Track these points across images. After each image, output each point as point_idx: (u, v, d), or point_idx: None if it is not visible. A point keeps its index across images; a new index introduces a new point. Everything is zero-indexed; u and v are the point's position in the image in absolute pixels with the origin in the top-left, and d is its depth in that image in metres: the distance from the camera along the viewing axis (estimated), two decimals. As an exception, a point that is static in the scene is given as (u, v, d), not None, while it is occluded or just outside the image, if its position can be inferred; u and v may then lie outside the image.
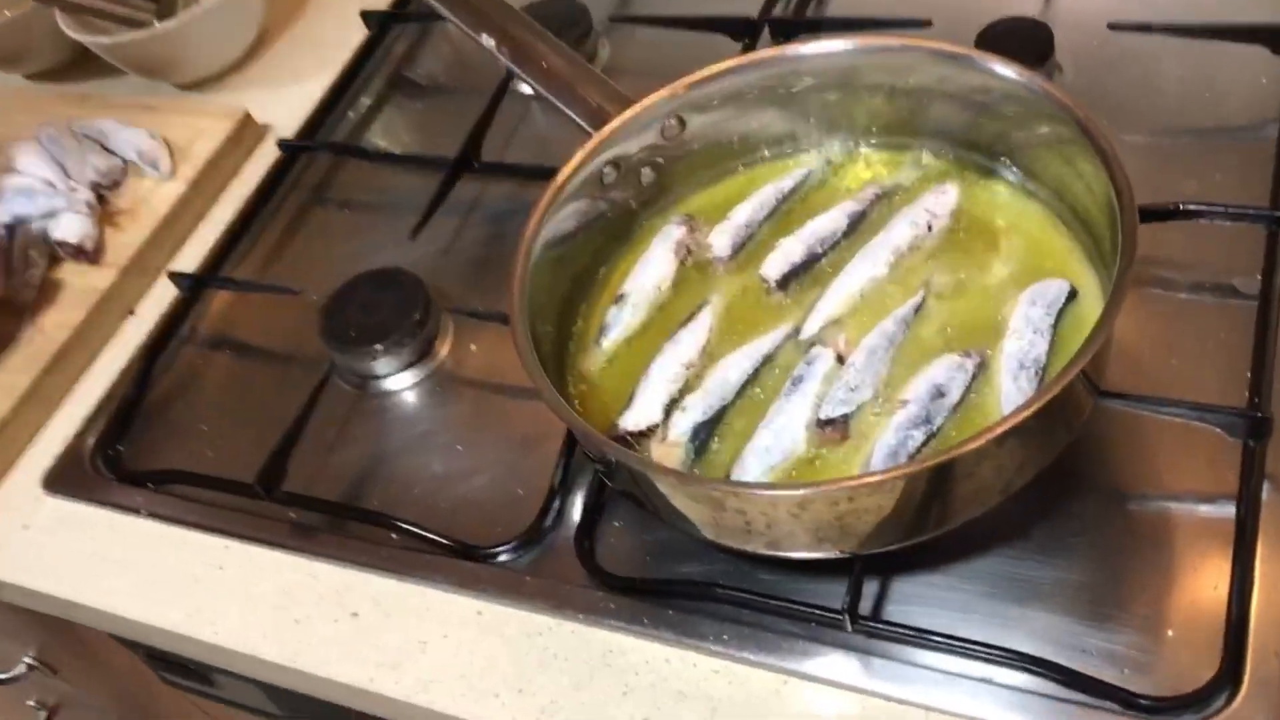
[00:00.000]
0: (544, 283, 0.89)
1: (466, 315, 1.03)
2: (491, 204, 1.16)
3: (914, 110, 0.94)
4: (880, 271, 0.88)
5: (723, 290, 0.92)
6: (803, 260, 0.90)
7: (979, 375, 0.81)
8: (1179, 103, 1.04)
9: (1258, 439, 0.80)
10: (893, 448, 0.78)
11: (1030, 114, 0.86)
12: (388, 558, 0.92)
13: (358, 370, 1.04)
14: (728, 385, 0.85)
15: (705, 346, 0.88)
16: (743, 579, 0.84)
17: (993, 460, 0.71)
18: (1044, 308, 0.82)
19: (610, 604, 0.85)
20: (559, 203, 0.90)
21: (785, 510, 0.72)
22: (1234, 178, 0.97)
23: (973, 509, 0.75)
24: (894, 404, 0.80)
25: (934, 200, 0.91)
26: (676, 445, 0.82)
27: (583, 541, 0.88)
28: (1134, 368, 0.88)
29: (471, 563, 0.90)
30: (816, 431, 0.81)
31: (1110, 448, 0.85)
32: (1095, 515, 0.82)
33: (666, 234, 0.95)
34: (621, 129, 0.92)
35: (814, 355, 0.84)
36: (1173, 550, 0.79)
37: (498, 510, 0.93)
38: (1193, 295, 0.92)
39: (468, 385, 1.03)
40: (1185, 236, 0.93)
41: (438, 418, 1.02)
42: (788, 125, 0.98)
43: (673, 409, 0.84)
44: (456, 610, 0.89)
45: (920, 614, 0.80)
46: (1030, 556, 0.81)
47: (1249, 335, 0.87)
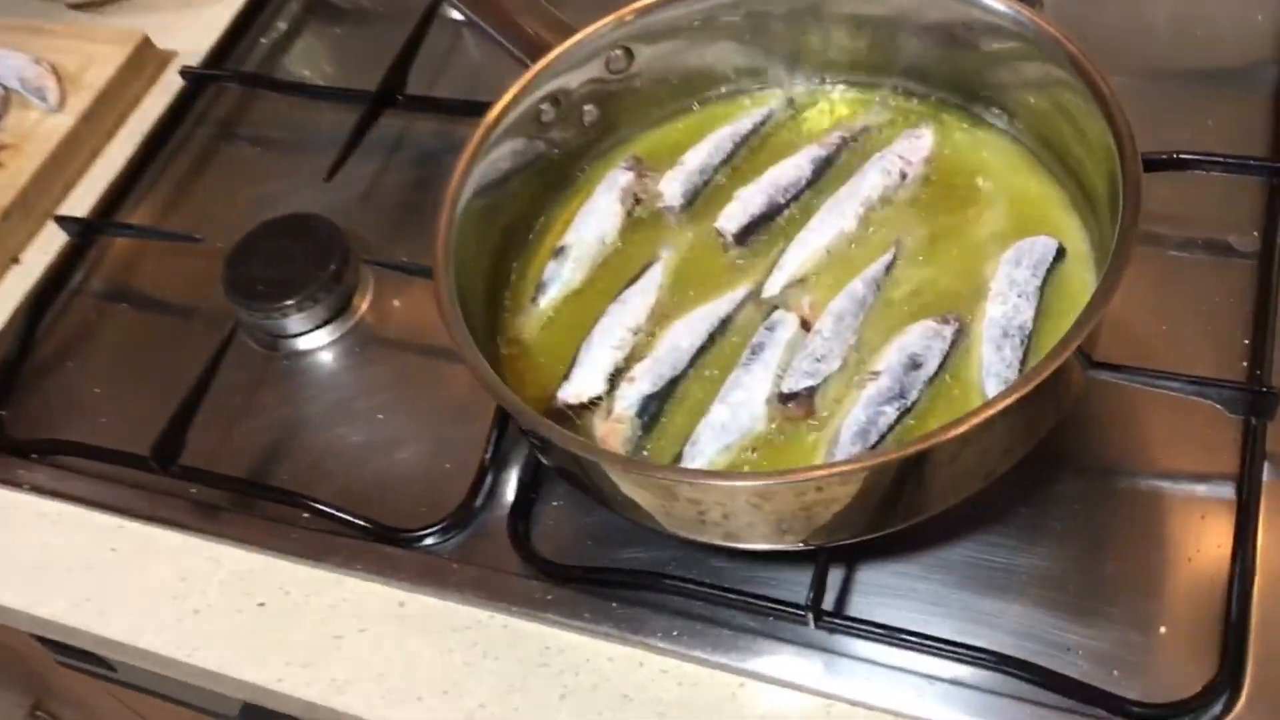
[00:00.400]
0: (473, 234, 0.79)
1: (388, 267, 0.93)
2: (418, 142, 1.05)
3: (886, 44, 0.85)
4: (849, 225, 0.80)
5: (675, 244, 0.83)
6: (763, 212, 0.82)
7: (958, 343, 0.73)
8: (1169, 42, 0.96)
9: (1260, 415, 0.72)
10: (862, 425, 0.70)
11: (1017, 51, 0.77)
12: (299, 541, 0.83)
13: (266, 328, 0.94)
14: (679, 353, 0.76)
15: (655, 308, 0.79)
16: (696, 567, 0.76)
17: (975, 446, 0.64)
18: (1029, 268, 0.74)
19: (547, 595, 0.77)
20: (490, 144, 0.80)
21: (744, 501, 0.64)
22: (1229, 125, 0.89)
23: (951, 498, 0.68)
24: (864, 376, 0.72)
25: (907, 145, 0.82)
26: (622, 421, 0.74)
27: (517, 524, 0.79)
28: (1122, 333, 0.80)
29: (393, 547, 0.81)
30: (778, 406, 0.72)
31: (1098, 423, 0.77)
32: (1081, 498, 0.75)
33: (612, 180, 0.86)
34: (561, 61, 0.82)
35: (775, 320, 0.76)
36: (1166, 537, 0.72)
37: (423, 488, 0.84)
38: (1185, 253, 0.84)
39: (390, 346, 0.94)
40: (1177, 189, 0.85)
41: (357, 382, 0.92)
42: (747, 59, 0.88)
43: (618, 379, 0.76)
44: (375, 601, 0.80)
45: (889, 607, 0.73)
46: (1009, 543, 0.74)
47: (1246, 298, 0.80)
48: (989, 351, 0.72)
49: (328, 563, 0.82)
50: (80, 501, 0.89)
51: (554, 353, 0.79)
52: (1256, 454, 0.72)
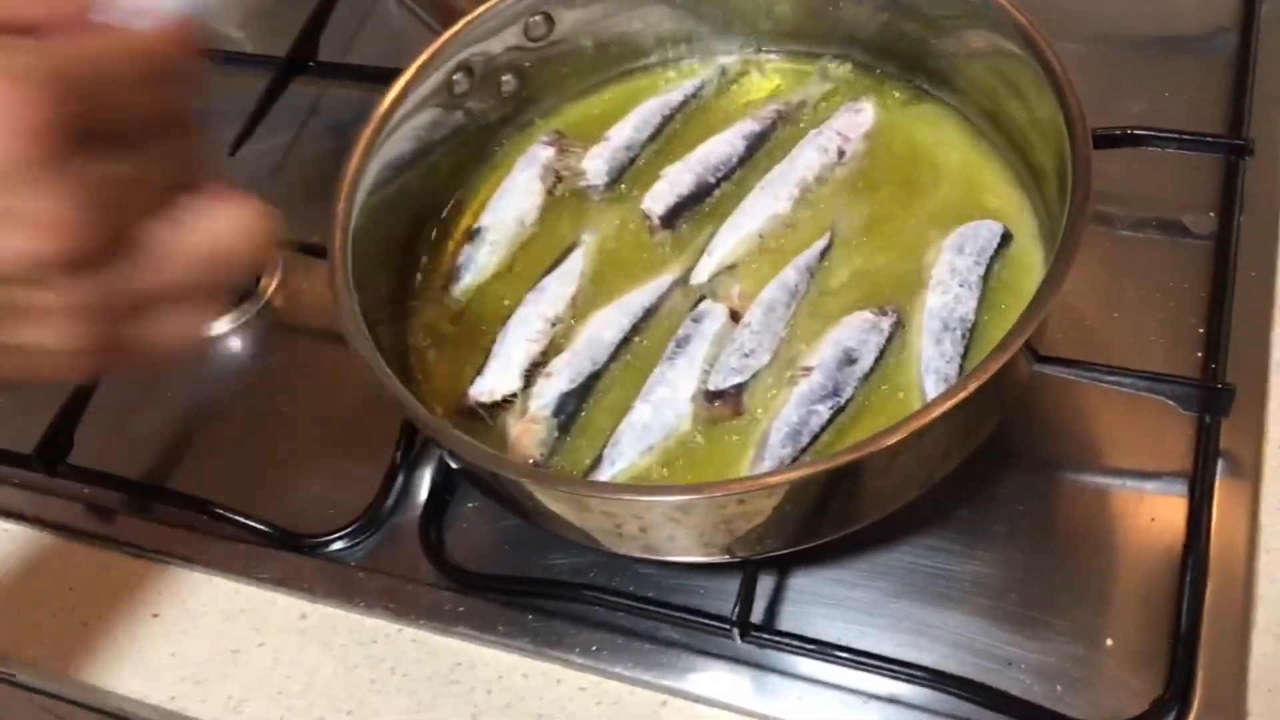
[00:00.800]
0: (380, 216, 0.73)
1: (296, 250, 0.87)
2: (332, 112, 0.99)
3: (825, 10, 0.79)
4: (782, 207, 0.74)
5: (598, 226, 0.77)
6: (691, 192, 0.76)
7: (896, 336, 0.68)
8: (1126, 8, 0.91)
9: (1214, 413, 0.68)
10: (794, 426, 0.65)
11: (963, 20, 0.72)
12: (195, 547, 0.77)
13: (165, 315, 0.87)
14: (601, 346, 0.71)
15: (575, 297, 0.74)
16: (620, 575, 0.71)
17: (911, 453, 0.59)
18: (973, 255, 0.69)
19: (460, 607, 0.71)
20: (397, 119, 0.74)
21: (661, 514, 0.59)
22: (1186, 96, 0.85)
23: (886, 506, 0.63)
24: (796, 372, 0.67)
25: (846, 121, 0.77)
26: (537, 421, 0.68)
27: (429, 529, 0.74)
28: (1071, 320, 0.76)
29: (295, 554, 0.75)
30: (704, 405, 0.67)
31: (1044, 419, 0.73)
32: (1025, 499, 0.70)
33: (532, 156, 0.80)
34: (474, 27, 0.76)
35: (702, 311, 0.70)
36: (1114, 543, 0.68)
37: (331, 488, 0.78)
38: (1138, 234, 0.80)
39: (300, 333, 0.87)
40: (1130, 165, 0.81)
41: (262, 373, 0.86)
42: (677, 25, 0.82)
43: (535, 375, 0.70)
44: (276, 612, 0.74)
45: (823, 617, 0.68)
46: (949, 548, 0.69)
47: (1202, 284, 0.76)
48: (928, 345, 0.67)
49: (226, 571, 0.76)
50: (-41, 505, 0.83)
51: (468, 344, 0.74)
52: (1210, 453, 0.68)
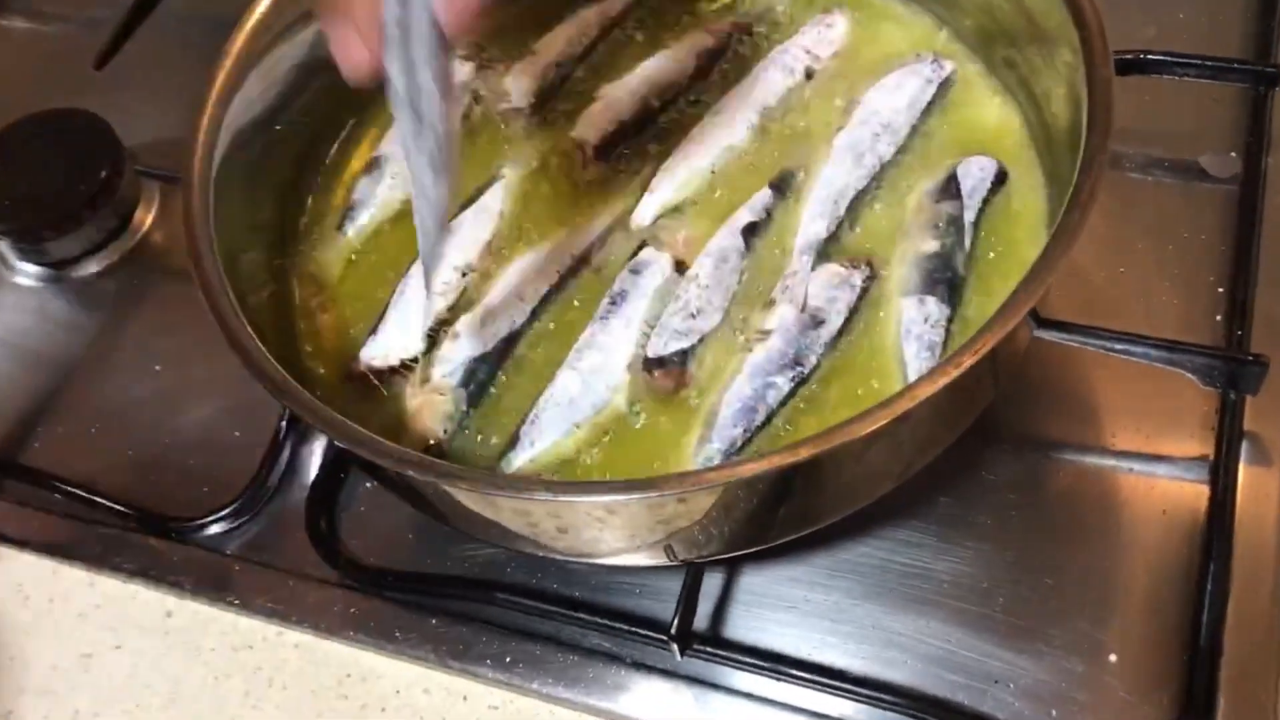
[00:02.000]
0: (258, 142, 0.64)
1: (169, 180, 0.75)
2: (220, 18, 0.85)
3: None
4: (739, 138, 0.64)
5: (521, 158, 0.67)
6: (632, 118, 0.66)
7: (870, 292, 0.58)
8: (1134, -88, 0.80)
9: (1240, 389, 0.59)
10: (747, 401, 0.55)
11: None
12: (44, 531, 0.68)
13: (23, 253, 0.76)
14: (520, 303, 0.60)
15: (492, 241, 0.63)
16: (542, 570, 0.62)
17: (886, 443, 0.49)
18: (961, 198, 0.59)
19: (352, 607, 0.62)
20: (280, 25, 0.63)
21: (585, 514, 0.48)
22: (1204, 18, 0.76)
23: (854, 503, 0.54)
24: (751, 335, 0.57)
25: (815, 36, 0.67)
26: (441, 392, 0.58)
27: (319, 513, 0.64)
28: (1073, 277, 0.66)
29: (162, 540, 0.66)
30: (642, 375, 0.57)
31: (1040, 392, 0.64)
32: (1016, 486, 0.61)
33: (445, 73, 0.68)
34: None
35: (643, 262, 0.60)
36: (1119, 540, 0.59)
37: (207, 461, 0.69)
38: (1149, 176, 0.71)
39: (178, 277, 0.76)
40: (1140, 96, 0.71)
41: (135, 321, 0.77)
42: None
43: (440, 334, 0.60)
44: (137, 608, 0.65)
45: (776, 623, 0.59)
46: (928, 543, 0.61)
47: (1221, 235, 0.66)
48: (909, 306, 0.57)
49: (79, 559, 0.67)
50: None
51: (362, 296, 0.64)
52: (1234, 435, 0.59)
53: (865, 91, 0.63)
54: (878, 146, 0.61)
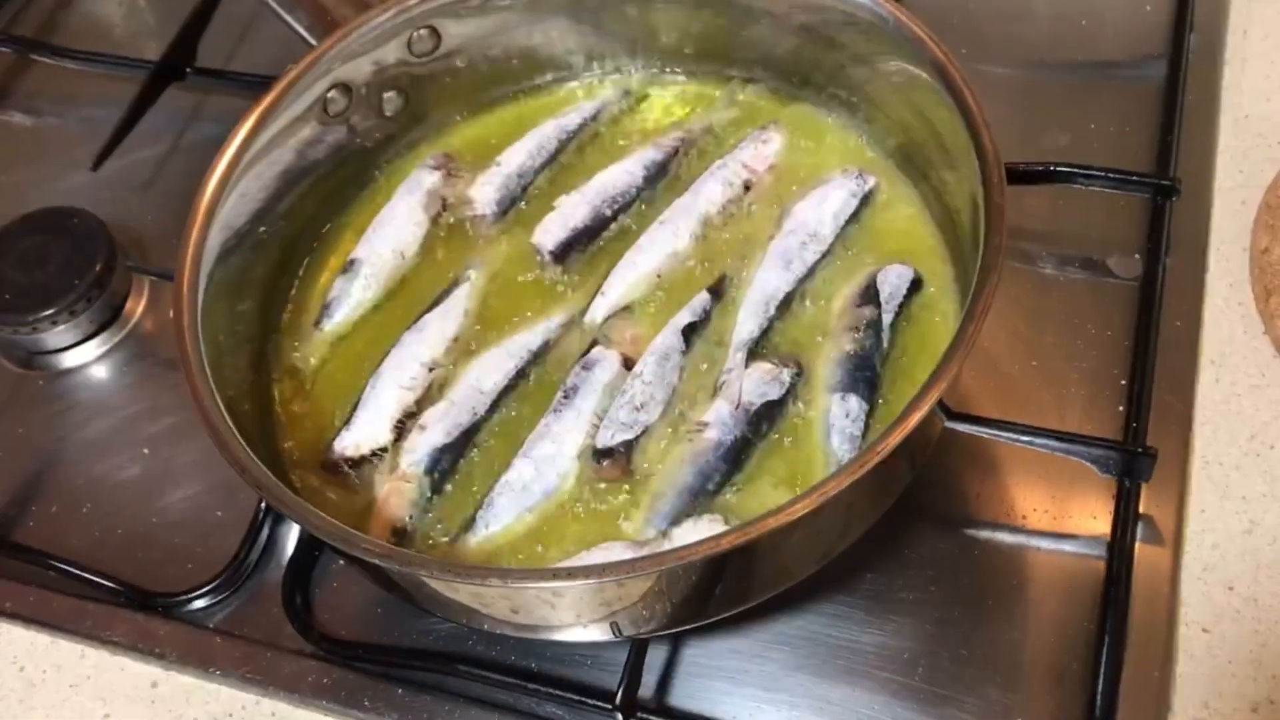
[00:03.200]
0: (244, 245, 0.69)
1: (157, 276, 0.80)
2: (211, 123, 0.92)
3: (734, 30, 0.74)
4: (682, 244, 0.70)
5: (485, 260, 0.72)
6: (586, 225, 0.71)
7: (796, 388, 0.63)
8: (1052, 31, 0.87)
9: (1134, 478, 0.64)
10: (688, 488, 0.60)
11: (876, 47, 0.68)
12: (38, 605, 0.71)
13: (18, 343, 0.81)
14: (480, 396, 0.65)
15: (458, 338, 0.68)
16: (501, 643, 0.66)
17: (808, 529, 0.54)
18: (881, 302, 0.65)
19: (324, 678, 0.66)
20: (265, 139, 0.68)
21: (533, 595, 0.53)
22: (1113, 128, 0.81)
23: (779, 584, 0.59)
24: (690, 427, 0.62)
25: (752, 152, 0.72)
26: (408, 480, 0.63)
27: (294, 590, 0.68)
28: (988, 369, 0.71)
29: (148, 615, 0.70)
30: (591, 463, 0.62)
31: (957, 476, 0.69)
32: (934, 564, 0.66)
33: (415, 181, 0.75)
34: (353, 41, 0.71)
35: (593, 359, 0.65)
36: (1027, 613, 0.64)
37: (191, 539, 0.73)
38: (1060, 274, 0.76)
39: (165, 365, 0.81)
40: (1053, 201, 0.78)
41: (125, 408, 0.80)
42: (576, 41, 0.77)
43: (408, 426, 0.65)
44: (125, 679, 0.69)
45: (717, 692, 0.64)
46: (853, 616, 0.65)
47: (1125, 330, 0.72)
48: (833, 402, 0.62)
49: (71, 632, 0.70)
50: None
51: (337, 388, 0.69)
52: (1129, 518, 0.64)
53: (795, 204, 0.69)
54: (805, 254, 0.67)
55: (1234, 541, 0.65)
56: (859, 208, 0.69)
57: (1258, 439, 0.67)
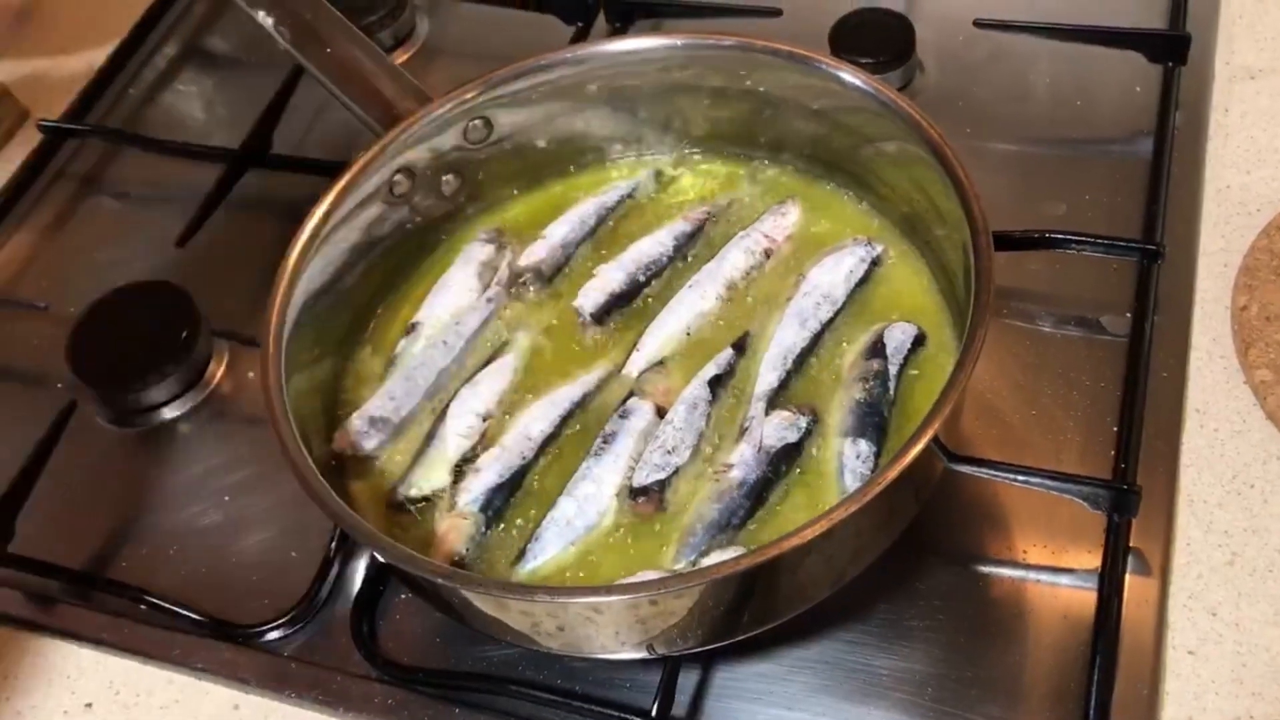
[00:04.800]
0: (320, 311, 0.76)
1: (239, 340, 0.89)
2: (284, 203, 1.00)
3: (755, 117, 0.82)
4: (709, 306, 0.77)
5: (533, 322, 0.80)
6: (623, 290, 0.79)
7: (813, 433, 0.70)
8: (1048, 110, 0.95)
9: (1122, 513, 0.70)
10: (715, 523, 0.67)
11: (880, 128, 0.75)
12: (131, 636, 0.78)
13: (112, 402, 0.89)
14: (529, 442, 0.72)
15: (507, 392, 0.76)
16: (548, 668, 0.72)
17: (822, 553, 0.61)
18: (887, 356, 0.72)
19: (390, 699, 0.72)
20: (338, 217, 0.76)
21: (576, 613, 0.60)
22: (1104, 198, 0.88)
23: (799, 604, 0.65)
24: (717, 468, 0.69)
25: (772, 224, 0.80)
26: (465, 517, 0.70)
27: (361, 620, 0.75)
28: (990, 417, 0.78)
29: (230, 644, 0.76)
30: (628, 501, 0.69)
31: (962, 514, 0.75)
32: (942, 594, 0.72)
33: (470, 253, 0.82)
34: (415, 130, 0.79)
35: (630, 408, 0.72)
36: (1027, 638, 0.70)
37: (268, 577, 0.79)
38: (1057, 331, 0.82)
39: (244, 421, 0.89)
40: (1051, 264, 0.84)
41: (207, 460, 0.87)
42: (614, 129, 0.85)
43: (464, 470, 0.72)
44: (209, 702, 0.75)
45: (744, 712, 0.70)
46: (869, 642, 0.71)
47: (1117, 382, 0.78)
48: (845, 445, 0.69)
49: (161, 659, 0.77)
50: (-103, 590, 0.83)
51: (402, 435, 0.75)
52: (1119, 551, 0.70)
53: (811, 268, 0.77)
54: (819, 313, 0.74)
55: (1217, 572, 0.70)
56: (868, 272, 0.76)
57: (1239, 479, 0.74)
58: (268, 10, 0.86)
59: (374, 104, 0.82)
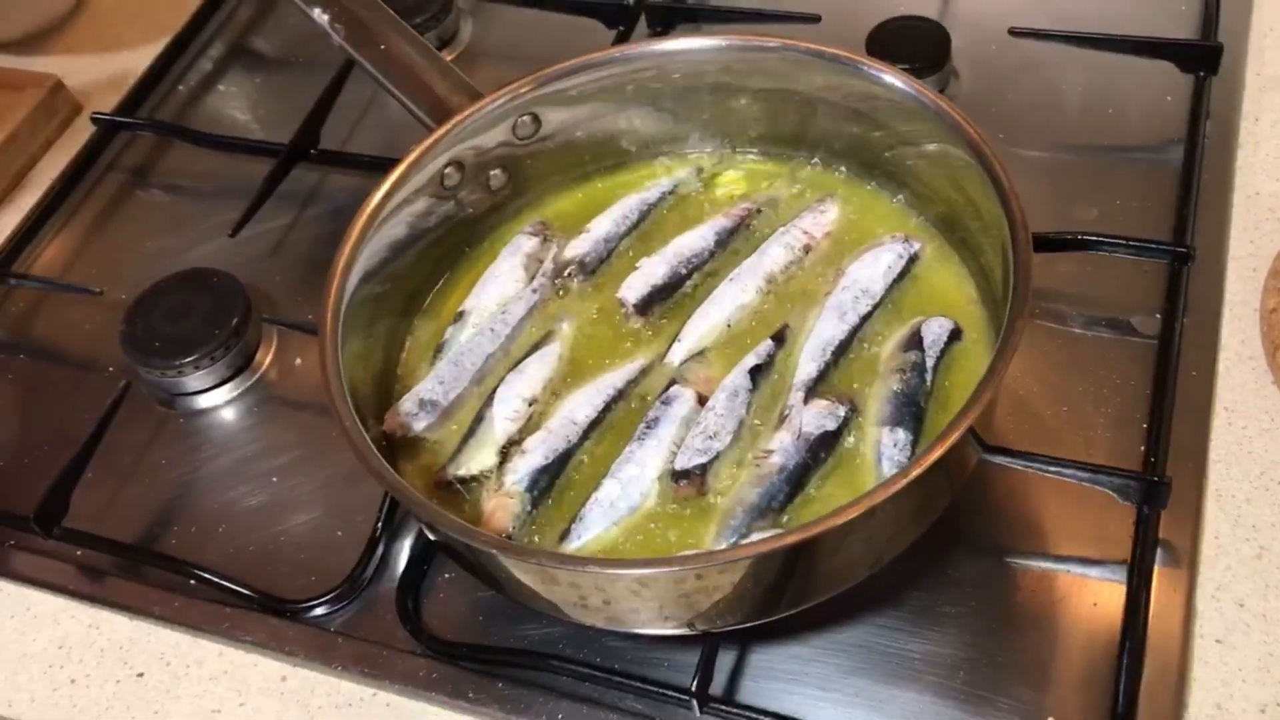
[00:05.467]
0: (372, 297, 0.78)
1: (288, 326, 0.91)
2: (330, 197, 1.04)
3: (795, 117, 0.84)
4: (749, 299, 0.79)
5: (577, 312, 0.82)
6: (665, 283, 0.81)
7: (850, 422, 0.72)
8: (1081, 118, 0.97)
9: (1152, 505, 0.72)
10: (753, 505, 0.69)
11: (920, 129, 0.77)
12: (182, 609, 0.80)
13: (163, 385, 0.92)
14: (574, 426, 0.74)
15: (553, 379, 0.78)
16: (588, 646, 0.74)
17: (860, 534, 0.63)
18: (924, 348, 0.74)
19: (433, 673, 0.75)
20: (390, 208, 0.79)
21: (624, 587, 0.62)
22: (1136, 203, 0.90)
23: (838, 585, 0.67)
24: (757, 454, 0.71)
25: (811, 220, 0.82)
26: (511, 496, 0.72)
27: (406, 598, 0.77)
28: (1022, 412, 0.80)
29: (278, 619, 0.79)
30: (670, 484, 0.71)
31: (994, 505, 0.77)
32: (974, 582, 0.74)
33: (516, 245, 0.85)
34: (465, 127, 0.82)
35: (672, 395, 0.74)
36: (1057, 625, 0.72)
37: (314, 555, 0.82)
38: (1088, 331, 0.84)
39: (290, 405, 0.91)
40: (1082, 267, 0.86)
41: (254, 443, 0.89)
42: (658, 128, 0.88)
43: (511, 451, 0.74)
44: (258, 674, 0.77)
45: (780, 691, 0.71)
46: (902, 628, 0.73)
47: (1146, 380, 0.80)
48: (883, 433, 0.71)
49: (210, 632, 0.79)
50: (-44, 562, 0.86)
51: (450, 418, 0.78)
52: (1148, 542, 0.72)
53: (849, 263, 0.79)
54: (858, 306, 0.76)
55: (1245, 565, 0.72)
56: (906, 268, 0.78)
57: (1267, 475, 0.75)
58: (324, 8, 0.88)
59: (425, 99, 0.84)
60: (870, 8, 1.02)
